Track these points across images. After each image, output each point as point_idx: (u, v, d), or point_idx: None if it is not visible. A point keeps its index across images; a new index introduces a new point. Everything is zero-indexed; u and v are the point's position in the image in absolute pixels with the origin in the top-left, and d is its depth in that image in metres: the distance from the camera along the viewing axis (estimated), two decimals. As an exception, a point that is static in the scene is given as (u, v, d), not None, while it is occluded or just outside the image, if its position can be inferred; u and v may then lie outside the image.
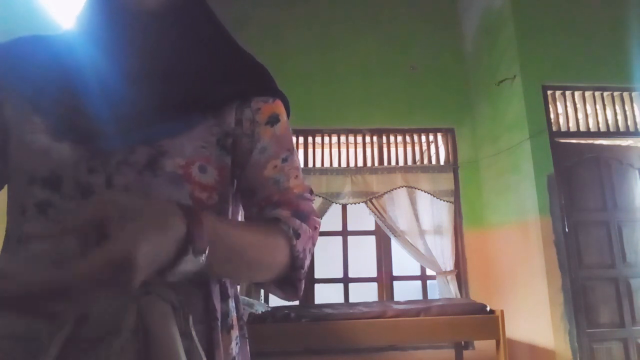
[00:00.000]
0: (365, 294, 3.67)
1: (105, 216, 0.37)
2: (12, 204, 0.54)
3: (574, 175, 3.08)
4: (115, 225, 0.36)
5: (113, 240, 0.36)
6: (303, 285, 0.59)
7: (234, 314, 0.60)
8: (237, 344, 0.60)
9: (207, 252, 0.41)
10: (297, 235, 0.56)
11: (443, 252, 3.59)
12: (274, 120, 0.63)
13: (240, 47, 0.68)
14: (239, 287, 0.70)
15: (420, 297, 3.75)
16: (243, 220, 0.65)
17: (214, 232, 0.44)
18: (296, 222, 0.57)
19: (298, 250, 0.55)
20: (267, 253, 0.53)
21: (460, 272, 3.61)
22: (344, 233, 3.79)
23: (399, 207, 3.67)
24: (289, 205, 0.59)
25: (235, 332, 0.59)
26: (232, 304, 0.60)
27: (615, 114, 3.30)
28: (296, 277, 0.57)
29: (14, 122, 0.55)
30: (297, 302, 3.50)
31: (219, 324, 0.55)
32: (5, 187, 0.57)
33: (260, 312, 2.71)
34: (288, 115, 0.68)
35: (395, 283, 3.74)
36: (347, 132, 3.85)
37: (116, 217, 0.37)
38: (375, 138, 3.89)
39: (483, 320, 2.68)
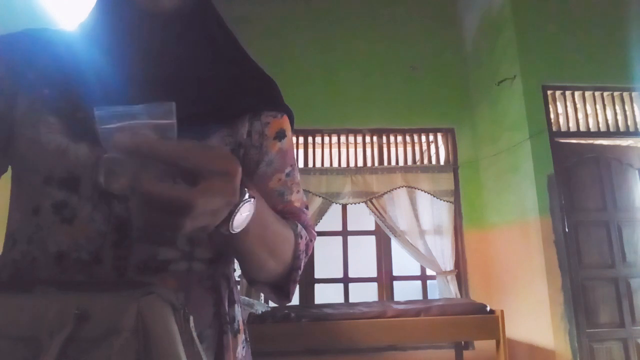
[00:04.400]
0: (365, 294, 3.68)
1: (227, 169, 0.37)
2: (22, 204, 0.54)
3: (574, 175, 3.08)
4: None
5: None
6: (295, 289, 0.60)
7: (240, 318, 0.62)
8: (243, 347, 0.61)
9: (254, 201, 0.43)
10: (300, 237, 0.59)
11: (443, 252, 3.59)
12: (281, 135, 0.66)
13: (250, 56, 0.69)
14: (238, 286, 0.71)
15: (420, 297, 3.75)
16: None
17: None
18: (299, 225, 0.60)
19: (300, 249, 0.58)
20: (282, 239, 0.55)
21: (460, 272, 3.61)
22: (344, 233, 3.79)
23: (399, 207, 3.67)
24: (292, 214, 0.62)
25: (242, 336, 0.61)
26: (238, 308, 0.62)
27: (615, 114, 3.29)
28: (292, 277, 0.58)
29: (25, 120, 0.54)
30: (297, 302, 3.54)
31: (229, 327, 0.57)
32: (5, 186, 0.57)
33: (260, 312, 2.71)
34: (292, 130, 0.71)
35: (395, 283, 3.75)
36: (347, 132, 3.85)
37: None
38: (375, 138, 3.89)
39: (483, 320, 2.68)
